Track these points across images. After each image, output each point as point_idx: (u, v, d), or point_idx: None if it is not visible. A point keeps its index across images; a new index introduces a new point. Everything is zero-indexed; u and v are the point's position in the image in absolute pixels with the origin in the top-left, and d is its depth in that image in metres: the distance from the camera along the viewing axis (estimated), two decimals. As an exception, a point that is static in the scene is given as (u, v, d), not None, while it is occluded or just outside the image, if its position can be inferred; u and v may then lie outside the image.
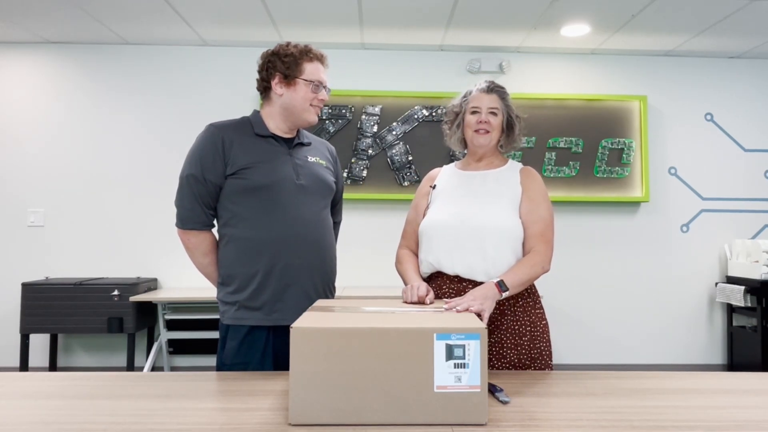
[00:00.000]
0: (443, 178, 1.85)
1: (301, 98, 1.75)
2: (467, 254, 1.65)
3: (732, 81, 4.51)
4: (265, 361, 1.69)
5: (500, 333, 1.65)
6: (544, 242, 1.67)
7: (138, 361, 3.97)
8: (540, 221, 1.69)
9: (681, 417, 1.17)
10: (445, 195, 1.79)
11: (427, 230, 1.73)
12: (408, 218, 1.88)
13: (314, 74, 1.75)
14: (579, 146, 4.35)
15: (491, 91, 1.77)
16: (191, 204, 1.73)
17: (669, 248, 4.44)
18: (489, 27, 3.96)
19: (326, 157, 1.89)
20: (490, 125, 1.74)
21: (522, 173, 1.78)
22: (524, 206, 1.71)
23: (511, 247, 1.66)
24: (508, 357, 1.64)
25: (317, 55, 1.78)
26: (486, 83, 1.79)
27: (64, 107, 4.29)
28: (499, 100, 1.76)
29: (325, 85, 1.79)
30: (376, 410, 1.10)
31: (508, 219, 1.67)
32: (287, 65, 1.74)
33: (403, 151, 4.31)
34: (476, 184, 1.77)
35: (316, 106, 1.77)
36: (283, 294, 1.70)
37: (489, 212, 1.68)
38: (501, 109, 1.76)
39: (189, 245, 1.79)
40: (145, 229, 4.25)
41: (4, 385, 1.38)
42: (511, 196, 1.72)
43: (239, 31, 4.07)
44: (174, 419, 1.15)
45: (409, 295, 1.54)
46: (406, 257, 1.82)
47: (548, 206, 1.73)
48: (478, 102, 1.76)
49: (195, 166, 1.72)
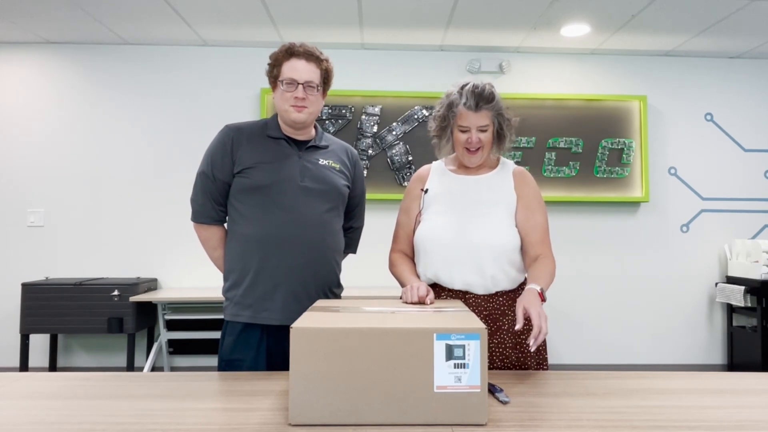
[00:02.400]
0: (434, 180, 1.79)
1: (279, 99, 1.77)
2: (466, 271, 1.64)
3: (732, 81, 4.51)
4: (258, 358, 1.72)
5: (502, 334, 1.65)
6: (547, 247, 1.69)
7: (138, 362, 3.97)
8: (538, 228, 1.69)
9: (681, 417, 1.17)
10: (438, 202, 1.74)
11: (423, 243, 1.70)
12: (399, 221, 1.84)
13: (287, 73, 1.73)
14: (579, 146, 4.35)
15: (479, 109, 1.64)
16: (203, 200, 1.82)
17: (669, 248, 4.44)
18: (489, 27, 3.96)
19: (342, 161, 1.88)
20: (481, 142, 1.68)
21: (515, 177, 1.75)
22: (520, 214, 1.70)
23: (509, 260, 1.67)
24: (511, 357, 1.64)
25: (298, 51, 1.73)
26: (473, 98, 1.64)
27: (64, 107, 4.29)
28: (489, 114, 1.66)
29: (302, 82, 1.72)
30: (376, 410, 1.10)
31: (505, 233, 1.66)
32: (271, 69, 1.78)
33: (403, 151, 4.31)
34: (470, 191, 1.72)
35: (295, 105, 1.74)
36: (272, 293, 1.73)
37: (485, 227, 1.65)
38: (491, 121, 1.67)
39: (201, 238, 1.88)
40: (145, 229, 4.25)
41: (4, 385, 1.38)
42: (506, 203, 1.70)
43: (239, 31, 4.07)
44: (174, 419, 1.15)
45: (409, 296, 1.53)
46: (399, 260, 1.78)
47: (543, 210, 1.73)
48: (466, 121, 1.66)
49: (206, 164, 1.80)
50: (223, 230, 1.87)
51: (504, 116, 1.70)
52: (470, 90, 1.66)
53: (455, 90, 1.69)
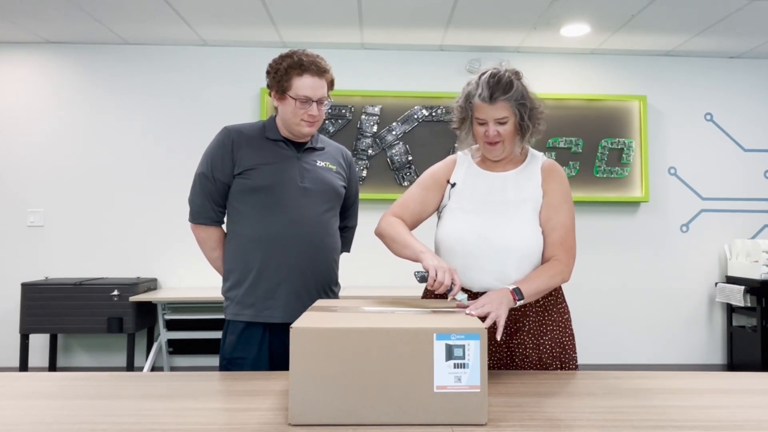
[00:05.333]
0: (460, 173, 1.71)
1: (290, 113, 1.76)
2: (485, 275, 1.58)
3: (732, 81, 4.51)
4: (261, 357, 1.74)
5: (522, 334, 1.61)
6: (564, 250, 1.59)
7: (138, 361, 3.97)
8: (560, 228, 1.60)
9: (681, 417, 1.17)
10: (462, 199, 1.66)
11: (445, 243, 1.65)
12: (411, 194, 1.72)
13: (302, 90, 1.72)
14: (579, 146, 4.35)
15: (495, 101, 1.55)
16: (201, 200, 1.82)
17: (669, 248, 4.44)
18: (489, 27, 3.96)
19: (338, 162, 1.91)
20: (500, 136, 1.58)
21: (544, 173, 1.66)
22: (544, 213, 1.62)
23: (532, 263, 1.60)
24: (532, 357, 1.60)
25: (308, 67, 1.72)
26: (488, 89, 1.55)
27: (64, 107, 4.28)
28: (507, 104, 1.56)
29: (316, 99, 1.74)
30: (376, 410, 1.10)
31: (529, 235, 1.59)
32: (277, 80, 1.75)
33: (402, 151, 4.31)
34: (496, 191, 1.65)
35: (306, 120, 1.76)
36: (274, 292, 1.75)
37: (510, 229, 1.58)
38: (511, 112, 1.56)
39: (199, 239, 1.88)
40: (144, 229, 4.25)
41: (4, 385, 1.38)
42: (532, 202, 1.62)
43: (239, 31, 4.07)
44: (174, 419, 1.14)
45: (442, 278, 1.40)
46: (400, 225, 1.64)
47: (569, 210, 1.63)
48: (483, 113, 1.57)
49: (206, 165, 1.81)
50: (221, 231, 1.88)
51: (526, 105, 1.58)
52: (486, 80, 1.56)
53: (475, 79, 1.60)
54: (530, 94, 1.61)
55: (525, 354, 1.61)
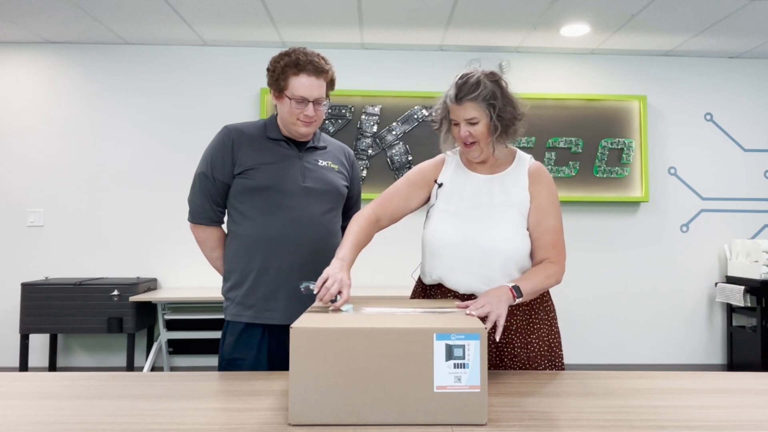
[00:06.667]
0: (448, 173, 1.71)
1: (287, 113, 1.75)
2: (472, 277, 1.59)
3: (732, 81, 4.51)
4: (260, 358, 1.73)
5: (510, 333, 1.62)
6: (556, 252, 1.60)
7: (138, 361, 3.97)
8: (551, 231, 1.61)
9: (681, 417, 1.17)
10: (449, 201, 1.66)
11: (431, 244, 1.65)
12: (397, 188, 1.71)
13: (298, 90, 1.70)
14: (579, 146, 4.35)
15: (461, 101, 1.55)
16: (201, 200, 1.81)
17: (669, 248, 4.44)
18: (489, 27, 3.96)
19: (340, 161, 1.90)
20: (473, 136, 1.58)
21: (530, 176, 1.66)
22: (533, 216, 1.62)
23: (518, 266, 1.60)
24: (520, 356, 1.61)
25: (305, 66, 1.69)
26: (455, 90, 1.56)
27: (63, 107, 4.28)
28: (475, 105, 1.54)
29: (313, 99, 1.71)
30: (375, 410, 1.10)
31: (515, 239, 1.59)
32: (275, 79, 1.74)
33: (402, 151, 4.31)
34: (482, 193, 1.64)
35: (303, 121, 1.74)
36: (275, 294, 1.74)
37: (495, 233, 1.58)
38: (482, 113, 1.55)
39: (198, 239, 1.87)
40: (144, 229, 4.25)
41: (3, 385, 1.38)
42: (518, 205, 1.62)
43: (239, 31, 4.07)
44: (174, 419, 1.15)
45: (330, 285, 1.39)
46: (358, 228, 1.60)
47: (557, 213, 1.64)
48: (454, 114, 1.59)
49: (206, 165, 1.79)
50: (221, 231, 1.87)
51: (496, 106, 1.55)
52: (455, 80, 1.58)
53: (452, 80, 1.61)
54: (507, 95, 1.59)
55: (513, 353, 1.62)
